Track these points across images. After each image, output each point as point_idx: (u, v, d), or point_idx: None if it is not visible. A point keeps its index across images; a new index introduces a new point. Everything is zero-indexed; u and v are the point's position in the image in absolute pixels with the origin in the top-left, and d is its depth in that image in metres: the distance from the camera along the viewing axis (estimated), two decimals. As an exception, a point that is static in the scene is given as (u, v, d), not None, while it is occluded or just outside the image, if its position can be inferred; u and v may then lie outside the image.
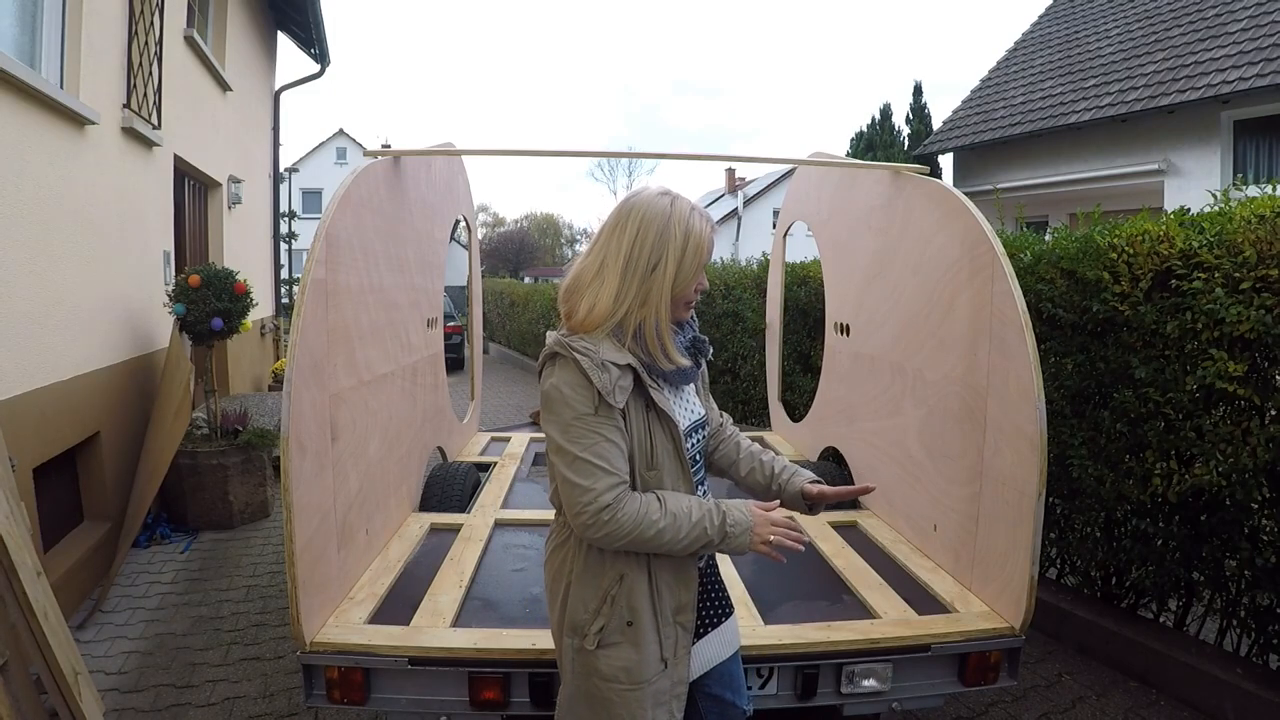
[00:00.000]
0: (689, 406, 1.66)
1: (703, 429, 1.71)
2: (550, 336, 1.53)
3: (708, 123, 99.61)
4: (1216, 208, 3.06)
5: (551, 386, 1.48)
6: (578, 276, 1.56)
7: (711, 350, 1.71)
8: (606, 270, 1.51)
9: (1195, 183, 9.20)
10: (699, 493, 1.65)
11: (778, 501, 1.65)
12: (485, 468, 4.14)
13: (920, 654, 2.16)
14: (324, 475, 2.24)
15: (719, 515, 1.53)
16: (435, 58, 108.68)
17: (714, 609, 1.73)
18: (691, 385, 1.69)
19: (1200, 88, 9.09)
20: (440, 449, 4.06)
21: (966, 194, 2.72)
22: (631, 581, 1.54)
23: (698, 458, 1.68)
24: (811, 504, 1.75)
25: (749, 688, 2.01)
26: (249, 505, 5.22)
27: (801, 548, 1.57)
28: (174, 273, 5.56)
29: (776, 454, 1.87)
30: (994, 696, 3.05)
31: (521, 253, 51.87)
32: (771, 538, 1.54)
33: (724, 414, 1.90)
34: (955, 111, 13.31)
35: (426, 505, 3.42)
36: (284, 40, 9.70)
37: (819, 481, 1.77)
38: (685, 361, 1.58)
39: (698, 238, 1.53)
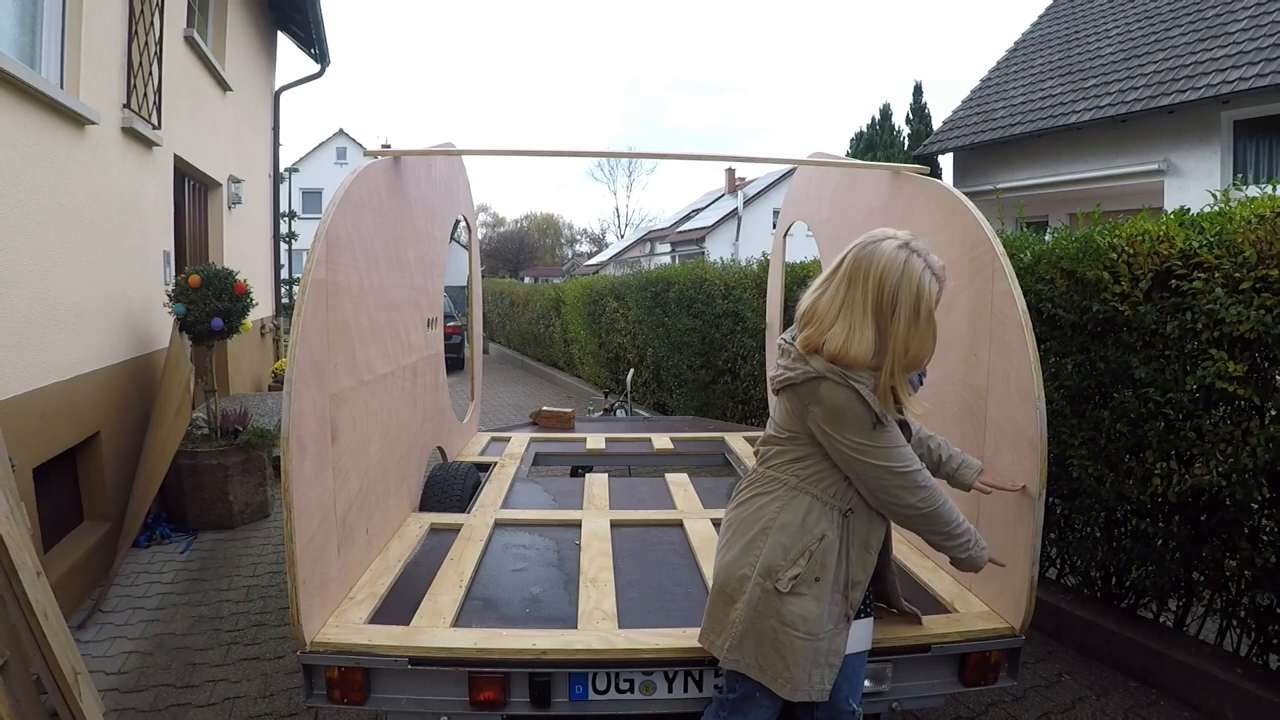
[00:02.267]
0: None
1: None
2: (817, 362, 1.72)
3: (709, 122, 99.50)
4: (1216, 208, 3.05)
5: (843, 403, 1.69)
6: (816, 308, 1.77)
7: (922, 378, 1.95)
8: (854, 318, 1.69)
9: (1195, 183, 9.19)
10: None
11: None
12: (485, 468, 4.14)
13: (920, 654, 2.16)
14: (324, 475, 2.24)
15: (969, 525, 1.88)
16: (435, 58, 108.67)
17: (865, 600, 1.92)
18: None
19: (1200, 88, 9.09)
20: (440, 449, 4.06)
21: (966, 194, 2.72)
22: (830, 543, 1.77)
23: None
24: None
25: None
26: (249, 505, 5.22)
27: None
28: (174, 273, 5.56)
29: (941, 440, 2.16)
30: (994, 696, 3.05)
31: (521, 253, 51.92)
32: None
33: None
34: (955, 111, 13.30)
35: (426, 505, 3.42)
36: (284, 40, 9.71)
37: (982, 470, 2.14)
38: (901, 416, 1.76)
39: (928, 300, 1.69)
